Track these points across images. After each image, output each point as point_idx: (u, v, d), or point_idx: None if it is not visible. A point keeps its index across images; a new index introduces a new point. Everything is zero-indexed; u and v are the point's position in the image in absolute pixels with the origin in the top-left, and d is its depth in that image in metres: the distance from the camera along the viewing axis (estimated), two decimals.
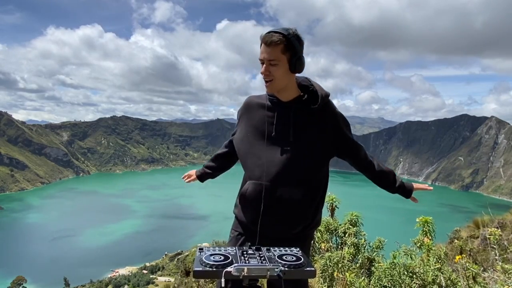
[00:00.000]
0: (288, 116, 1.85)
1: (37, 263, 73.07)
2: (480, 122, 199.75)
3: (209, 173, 2.31)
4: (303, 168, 1.84)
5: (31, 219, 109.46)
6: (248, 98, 2.02)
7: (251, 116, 1.94)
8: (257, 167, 1.85)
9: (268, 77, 1.79)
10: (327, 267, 3.38)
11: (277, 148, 1.84)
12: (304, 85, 1.91)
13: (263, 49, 1.76)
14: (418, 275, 3.06)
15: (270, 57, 1.75)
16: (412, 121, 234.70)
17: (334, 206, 4.14)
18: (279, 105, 1.87)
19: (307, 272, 1.29)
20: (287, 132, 1.84)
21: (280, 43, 1.73)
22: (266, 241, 1.78)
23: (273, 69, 1.77)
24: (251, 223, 1.88)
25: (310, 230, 1.98)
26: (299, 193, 1.83)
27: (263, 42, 1.76)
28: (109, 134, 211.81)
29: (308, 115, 1.86)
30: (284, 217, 1.84)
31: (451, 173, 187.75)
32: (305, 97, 1.87)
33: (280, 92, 1.87)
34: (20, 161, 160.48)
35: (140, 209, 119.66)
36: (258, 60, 1.81)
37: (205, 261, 1.26)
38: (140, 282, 50.16)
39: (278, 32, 1.74)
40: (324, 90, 1.90)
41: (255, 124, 1.90)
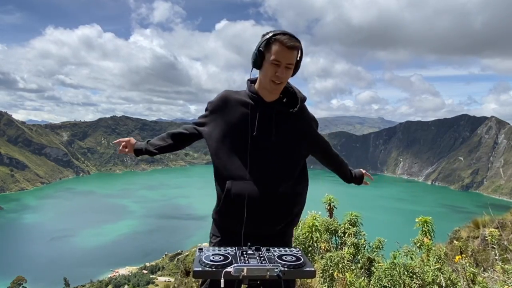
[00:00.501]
0: (270, 116, 1.87)
1: (36, 263, 72.87)
2: (480, 122, 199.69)
3: (152, 151, 2.15)
4: (286, 166, 1.89)
5: (28, 219, 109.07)
6: (226, 93, 1.96)
7: (229, 112, 1.90)
8: (239, 166, 1.84)
9: (282, 80, 1.79)
10: (328, 267, 3.38)
11: (260, 147, 1.85)
12: (284, 88, 1.93)
13: (284, 53, 1.74)
14: (418, 275, 3.06)
15: (289, 61, 1.77)
16: (412, 121, 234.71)
17: (333, 206, 4.14)
18: (262, 105, 1.87)
19: (307, 272, 1.29)
20: (270, 132, 1.86)
21: (298, 49, 1.79)
22: (249, 241, 1.72)
23: (287, 73, 1.80)
24: (237, 223, 1.84)
25: (292, 227, 2.02)
26: (282, 190, 1.86)
27: (285, 46, 1.74)
28: (109, 134, 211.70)
29: (288, 117, 1.90)
30: (269, 215, 1.85)
31: (451, 173, 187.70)
32: (284, 100, 1.94)
33: (265, 94, 1.88)
34: (20, 161, 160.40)
35: (137, 210, 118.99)
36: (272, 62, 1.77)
37: (205, 261, 1.26)
38: (140, 282, 50.18)
39: (295, 37, 1.78)
40: (302, 94, 1.97)
41: (235, 122, 1.87)
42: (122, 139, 2.19)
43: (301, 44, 1.80)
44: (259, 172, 1.83)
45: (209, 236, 2.04)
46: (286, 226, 1.94)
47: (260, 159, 1.84)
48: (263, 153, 1.85)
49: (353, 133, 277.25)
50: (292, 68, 1.80)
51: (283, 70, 1.77)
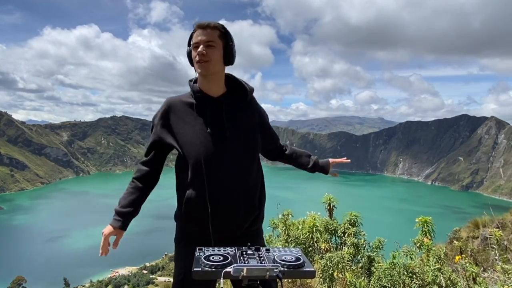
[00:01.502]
0: (220, 112, 1.82)
1: (35, 264, 72.67)
2: (480, 122, 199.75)
3: (130, 212, 1.94)
4: (243, 162, 1.82)
5: (20, 220, 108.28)
6: (169, 99, 1.90)
7: (178, 116, 1.84)
8: (197, 169, 1.76)
9: (205, 58, 1.75)
10: (327, 267, 3.38)
11: (215, 145, 1.79)
12: (230, 82, 1.91)
13: (199, 33, 1.76)
14: (417, 275, 3.06)
15: (208, 39, 1.75)
16: (412, 121, 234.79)
17: (332, 206, 4.13)
18: (209, 101, 1.83)
19: (307, 272, 1.29)
20: (222, 127, 1.80)
21: (217, 29, 1.78)
22: (220, 243, 1.67)
23: (209, 51, 1.75)
24: (202, 228, 1.78)
25: (259, 224, 1.96)
26: (243, 187, 1.81)
27: (199, 27, 1.77)
28: (109, 134, 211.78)
29: (238, 110, 1.87)
30: (233, 214, 1.79)
31: (451, 173, 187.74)
32: (233, 92, 1.89)
33: (210, 86, 1.84)
34: (20, 161, 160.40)
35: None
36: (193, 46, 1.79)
37: (204, 261, 1.26)
38: (140, 282, 50.17)
39: (214, 22, 1.80)
40: (250, 85, 1.93)
41: (187, 124, 1.82)
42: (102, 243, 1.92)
43: (222, 25, 1.79)
44: (218, 171, 1.77)
45: (174, 241, 1.95)
46: (253, 223, 1.89)
47: (217, 158, 1.77)
48: (219, 151, 1.78)
49: (353, 133, 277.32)
50: (215, 46, 1.76)
51: (204, 48, 1.75)
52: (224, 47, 1.80)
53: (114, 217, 1.92)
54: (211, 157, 1.77)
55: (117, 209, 1.92)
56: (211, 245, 1.67)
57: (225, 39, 1.80)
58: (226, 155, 1.79)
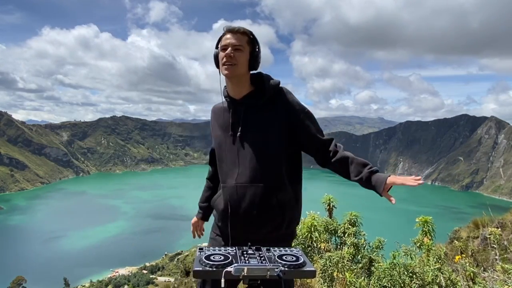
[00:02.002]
0: (239, 113, 1.86)
1: (34, 264, 72.14)
2: (480, 122, 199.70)
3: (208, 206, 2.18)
4: (257, 166, 1.79)
5: (21, 220, 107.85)
6: (213, 107, 2.06)
7: (217, 122, 1.98)
8: (221, 170, 1.93)
9: (232, 61, 1.78)
10: (327, 267, 3.38)
11: (234, 148, 1.85)
12: (257, 82, 1.91)
13: (229, 36, 1.80)
14: (418, 275, 3.06)
15: (236, 42, 1.79)
16: (412, 121, 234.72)
17: (332, 206, 4.13)
18: (233, 104, 1.89)
19: (307, 272, 1.29)
20: (236, 131, 1.86)
21: (246, 34, 1.83)
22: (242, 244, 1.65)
23: (237, 54, 1.79)
24: (223, 226, 1.91)
25: (284, 230, 1.87)
26: (256, 191, 1.79)
27: (229, 31, 1.81)
28: (109, 134, 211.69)
29: (258, 110, 1.84)
30: (249, 218, 1.81)
31: (451, 173, 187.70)
32: (253, 92, 1.87)
33: (234, 88, 1.87)
34: (20, 161, 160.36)
35: (128, 210, 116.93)
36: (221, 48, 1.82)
37: (205, 261, 1.27)
38: (140, 282, 50.14)
39: (242, 27, 1.84)
40: (273, 80, 1.87)
41: (220, 128, 1.95)
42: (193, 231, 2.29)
43: (250, 32, 1.83)
44: (234, 174, 1.84)
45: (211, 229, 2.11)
46: (274, 231, 1.83)
47: (233, 161, 1.85)
48: (235, 154, 1.84)
49: (353, 133, 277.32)
50: (243, 50, 1.80)
51: (232, 51, 1.78)
52: (251, 52, 1.84)
53: (198, 210, 2.26)
54: (226, 158, 1.89)
55: (199, 203, 2.24)
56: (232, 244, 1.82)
57: (253, 45, 1.85)
58: (239, 156, 1.84)
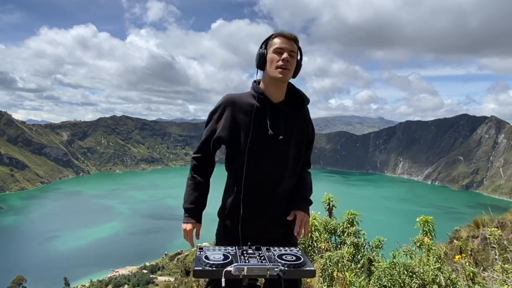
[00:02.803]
0: (278, 117, 1.90)
1: (31, 264, 71.73)
2: (480, 122, 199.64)
3: (198, 207, 2.03)
4: (292, 168, 1.94)
5: (15, 220, 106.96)
6: (230, 96, 1.94)
7: (240, 115, 1.88)
8: (257, 168, 1.86)
9: (288, 65, 1.84)
10: (327, 266, 3.38)
11: (273, 147, 1.88)
12: (289, 90, 1.98)
13: (284, 41, 1.85)
14: (417, 275, 3.06)
15: (292, 48, 1.85)
16: (412, 121, 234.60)
17: (332, 206, 4.13)
18: (270, 106, 1.90)
19: (307, 271, 1.30)
20: (279, 132, 1.88)
21: (297, 42, 1.90)
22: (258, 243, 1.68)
23: (291, 60, 1.85)
24: (242, 226, 1.88)
25: (290, 227, 1.98)
26: (284, 191, 1.92)
27: (284, 36, 1.86)
28: (109, 134, 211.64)
29: (296, 120, 1.96)
30: (273, 216, 1.91)
31: (451, 173, 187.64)
32: (292, 101, 1.97)
33: (275, 92, 1.91)
34: (20, 161, 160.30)
35: (123, 211, 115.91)
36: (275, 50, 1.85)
37: (205, 260, 1.27)
38: (140, 282, 50.17)
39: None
40: (306, 96, 2.01)
41: (245, 123, 1.86)
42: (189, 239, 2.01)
43: (298, 41, 1.90)
44: (270, 174, 1.88)
45: (215, 236, 2.07)
46: (289, 230, 1.94)
47: (264, 159, 1.88)
48: (272, 155, 1.88)
49: (353, 132, 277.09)
50: (295, 57, 1.87)
51: (288, 56, 1.83)
52: (298, 60, 1.91)
53: (186, 215, 2.02)
54: (258, 158, 1.86)
55: (189, 205, 2.02)
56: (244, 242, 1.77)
57: (300, 54, 1.93)
58: (275, 158, 1.88)
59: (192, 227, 1.99)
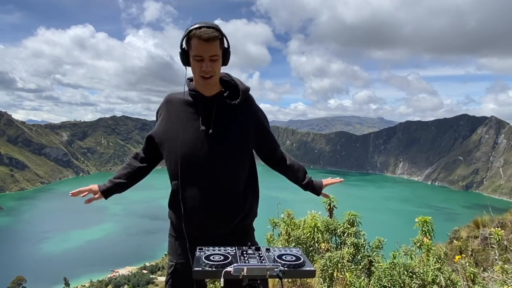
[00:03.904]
0: (210, 111, 1.83)
1: (30, 265, 71.44)
2: (480, 122, 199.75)
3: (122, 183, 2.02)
4: (227, 161, 1.83)
5: (4, 222, 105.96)
6: (168, 96, 1.95)
7: (172, 113, 1.89)
8: (186, 164, 1.81)
9: (211, 73, 1.75)
10: (327, 267, 3.38)
11: (200, 143, 1.81)
12: (225, 80, 1.90)
13: (202, 46, 1.69)
14: (417, 275, 3.06)
15: (212, 53, 1.71)
16: (412, 121, 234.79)
17: (333, 206, 4.13)
18: (202, 100, 1.84)
19: (307, 272, 1.29)
20: (209, 127, 1.81)
21: (217, 39, 1.72)
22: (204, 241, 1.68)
23: (213, 65, 1.74)
24: (185, 224, 1.84)
25: (247, 221, 1.95)
26: (223, 186, 1.83)
27: (201, 39, 1.68)
28: (109, 134, 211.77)
29: (230, 110, 1.85)
30: (215, 212, 1.82)
31: (451, 173, 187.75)
32: (227, 92, 1.87)
33: (203, 89, 1.85)
34: (20, 161, 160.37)
35: (116, 212, 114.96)
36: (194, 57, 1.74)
37: (205, 260, 1.27)
38: (140, 282, 50.21)
39: (212, 27, 1.71)
40: (245, 85, 1.91)
41: (178, 121, 1.85)
42: (81, 189, 1.97)
43: (221, 32, 1.73)
44: (200, 169, 1.80)
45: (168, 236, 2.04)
46: (242, 221, 1.89)
47: (200, 156, 1.80)
48: (203, 149, 1.80)
49: (353, 133, 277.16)
50: (217, 59, 1.74)
51: (208, 63, 1.72)
52: (223, 53, 1.78)
53: (105, 182, 2.02)
54: (191, 155, 1.81)
55: (111, 179, 2.03)
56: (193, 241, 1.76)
57: (223, 45, 1.78)
58: (209, 153, 1.80)
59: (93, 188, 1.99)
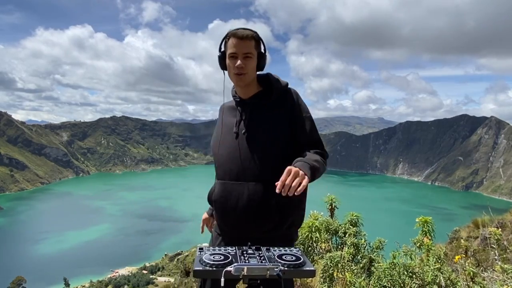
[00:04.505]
0: (246, 112, 1.90)
1: (29, 265, 70.87)
2: (479, 122, 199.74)
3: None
4: (259, 164, 1.80)
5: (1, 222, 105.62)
6: (223, 105, 2.08)
7: (224, 120, 2.00)
8: (220, 167, 1.93)
9: (244, 70, 1.81)
10: (327, 267, 3.38)
11: (235, 145, 1.87)
12: (265, 81, 1.95)
13: (237, 43, 1.79)
14: (417, 275, 3.06)
15: (245, 50, 1.79)
16: (411, 121, 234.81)
17: (334, 207, 4.14)
18: (241, 103, 1.94)
19: (307, 271, 1.29)
20: (242, 129, 1.88)
21: (253, 38, 1.81)
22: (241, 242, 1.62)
23: (246, 62, 1.80)
24: (222, 224, 1.94)
25: (281, 231, 1.86)
26: (256, 189, 1.79)
27: (236, 37, 1.79)
28: (109, 134, 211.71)
29: (265, 110, 1.88)
30: (248, 216, 1.80)
31: (451, 173, 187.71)
32: (261, 92, 1.92)
33: (240, 91, 1.94)
34: (20, 161, 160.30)
35: (113, 212, 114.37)
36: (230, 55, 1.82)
37: (205, 260, 1.27)
38: (140, 282, 50.15)
39: (249, 29, 1.83)
40: (281, 81, 1.92)
41: (224, 126, 1.97)
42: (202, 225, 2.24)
43: (256, 34, 1.83)
44: (234, 172, 1.84)
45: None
46: (275, 229, 1.83)
47: (235, 158, 1.85)
48: (238, 152, 1.86)
49: (353, 133, 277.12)
50: (252, 57, 1.81)
51: (242, 60, 1.79)
52: (258, 54, 1.85)
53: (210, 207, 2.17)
54: (225, 155, 1.90)
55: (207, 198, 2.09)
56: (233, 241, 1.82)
57: (259, 47, 1.86)
58: (241, 154, 1.86)
59: (207, 217, 2.21)
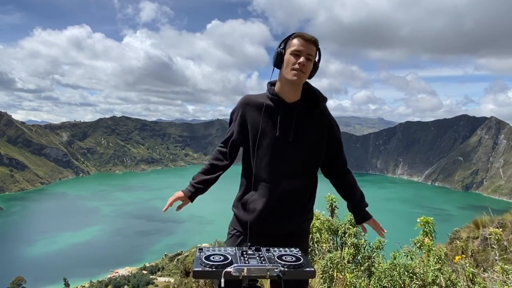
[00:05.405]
0: (291, 117, 1.92)
1: (30, 264, 71.01)
2: (479, 123, 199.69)
3: (201, 188, 2.08)
4: (302, 167, 1.94)
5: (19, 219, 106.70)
6: (246, 97, 2.02)
7: (252, 115, 1.96)
8: (263, 167, 1.93)
9: (304, 69, 1.85)
10: (327, 267, 3.38)
11: (280, 148, 1.91)
12: (307, 89, 2.00)
13: (303, 43, 1.84)
14: (418, 276, 3.06)
15: (309, 52, 1.85)
16: (411, 122, 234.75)
17: (334, 207, 4.13)
18: (283, 106, 1.93)
19: (307, 272, 1.30)
20: (289, 133, 1.91)
21: (316, 44, 1.89)
22: (266, 240, 1.90)
23: (308, 64, 1.86)
24: (256, 222, 1.95)
25: (308, 223, 2.09)
26: (299, 191, 1.96)
27: (303, 38, 1.85)
28: (109, 134, 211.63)
29: (308, 117, 1.95)
30: (288, 212, 1.95)
31: (451, 173, 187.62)
32: (307, 100, 1.96)
33: (289, 92, 1.93)
34: (19, 161, 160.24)
35: (107, 213, 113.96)
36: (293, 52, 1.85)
37: (205, 261, 1.27)
38: (139, 282, 50.12)
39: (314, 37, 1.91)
40: (323, 95, 2.00)
41: (259, 124, 1.93)
42: (170, 201, 2.06)
43: (318, 43, 1.89)
44: (279, 173, 1.92)
45: (228, 227, 2.13)
46: (304, 222, 2.03)
47: (279, 160, 1.92)
48: (282, 154, 1.92)
49: (353, 133, 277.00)
50: (312, 60, 1.87)
51: (305, 60, 1.83)
52: (315, 62, 1.91)
53: (188, 187, 2.08)
54: (265, 158, 1.92)
55: (192, 182, 2.08)
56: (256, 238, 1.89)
57: (319, 55, 1.92)
58: (287, 159, 1.92)
59: (180, 195, 2.05)
